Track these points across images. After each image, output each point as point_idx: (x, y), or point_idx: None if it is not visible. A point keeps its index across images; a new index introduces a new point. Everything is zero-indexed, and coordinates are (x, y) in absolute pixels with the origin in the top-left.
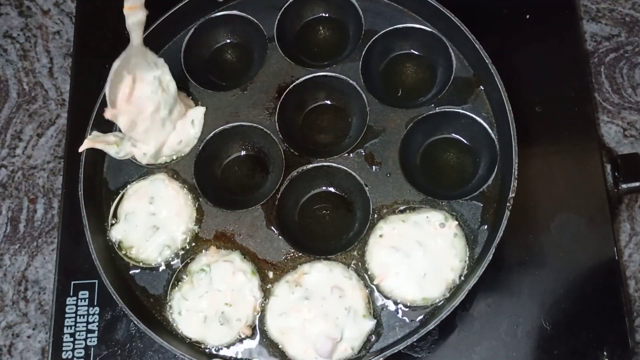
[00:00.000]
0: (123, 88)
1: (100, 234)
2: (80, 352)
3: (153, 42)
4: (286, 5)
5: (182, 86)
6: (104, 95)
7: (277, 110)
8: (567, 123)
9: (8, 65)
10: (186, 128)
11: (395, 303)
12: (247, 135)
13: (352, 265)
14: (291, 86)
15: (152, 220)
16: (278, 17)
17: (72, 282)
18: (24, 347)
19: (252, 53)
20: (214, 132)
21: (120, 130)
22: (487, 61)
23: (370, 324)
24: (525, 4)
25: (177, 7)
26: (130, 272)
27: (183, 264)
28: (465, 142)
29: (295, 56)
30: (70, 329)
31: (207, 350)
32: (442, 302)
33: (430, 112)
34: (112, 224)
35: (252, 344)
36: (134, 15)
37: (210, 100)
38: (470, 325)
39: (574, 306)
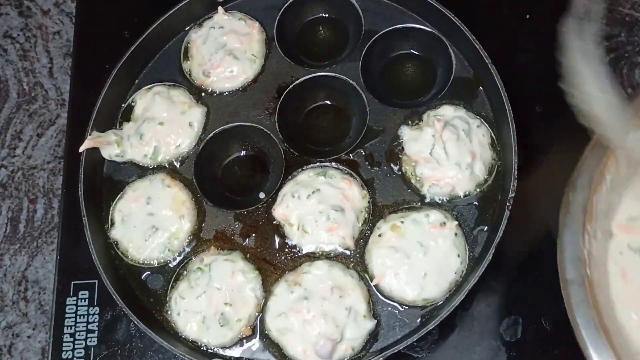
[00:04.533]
0: None
1: (100, 234)
2: (80, 352)
3: (153, 41)
4: (286, 5)
5: (180, 86)
6: (103, 96)
7: (277, 110)
8: (567, 123)
9: (8, 65)
10: (185, 129)
11: (396, 303)
12: (247, 135)
13: (351, 264)
14: (291, 86)
15: (150, 221)
16: (278, 17)
17: (72, 282)
18: (24, 347)
19: None
20: (214, 132)
21: (119, 128)
22: (487, 61)
23: (371, 324)
24: (525, 4)
25: (177, 7)
26: (131, 272)
27: (183, 264)
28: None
29: (295, 56)
30: (70, 329)
31: (207, 351)
32: (442, 302)
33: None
34: (112, 224)
35: (253, 344)
36: None
37: (210, 101)
38: (470, 325)
39: None
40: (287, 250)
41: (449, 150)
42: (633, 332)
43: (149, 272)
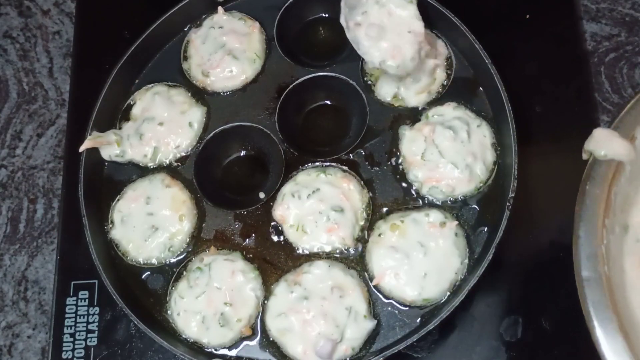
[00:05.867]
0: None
1: (100, 234)
2: (80, 352)
3: (153, 41)
4: (286, 5)
5: (180, 86)
6: (103, 96)
7: (277, 110)
8: (567, 123)
9: (8, 65)
10: (185, 129)
11: (396, 303)
12: (247, 135)
13: (351, 264)
14: (291, 86)
15: (150, 221)
16: (278, 17)
17: (72, 282)
18: (24, 347)
19: None
20: (214, 132)
21: (119, 128)
22: (487, 61)
23: (371, 324)
24: (525, 4)
25: (177, 7)
26: (131, 272)
27: (183, 264)
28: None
29: (295, 56)
30: (70, 329)
31: (207, 350)
32: (442, 302)
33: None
34: (112, 225)
35: (253, 344)
36: None
37: (210, 100)
38: (470, 325)
39: (573, 306)
40: (287, 250)
41: (444, 151)
42: None
43: (149, 272)
